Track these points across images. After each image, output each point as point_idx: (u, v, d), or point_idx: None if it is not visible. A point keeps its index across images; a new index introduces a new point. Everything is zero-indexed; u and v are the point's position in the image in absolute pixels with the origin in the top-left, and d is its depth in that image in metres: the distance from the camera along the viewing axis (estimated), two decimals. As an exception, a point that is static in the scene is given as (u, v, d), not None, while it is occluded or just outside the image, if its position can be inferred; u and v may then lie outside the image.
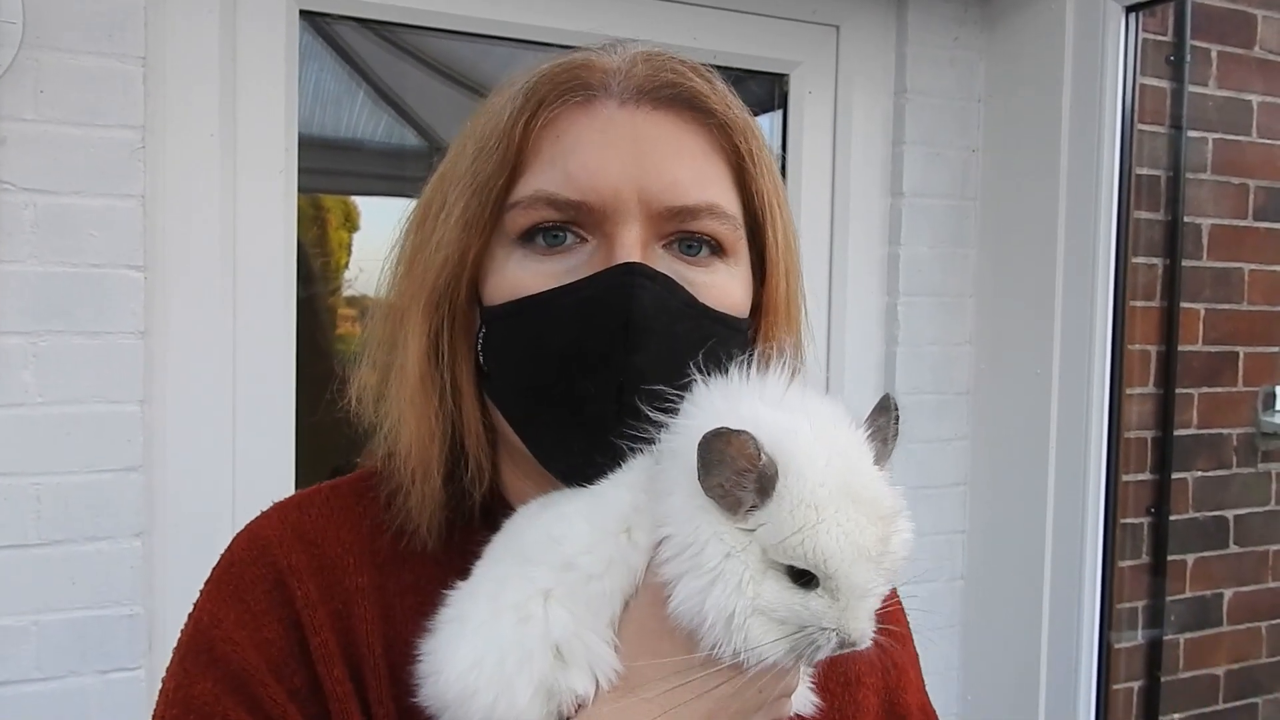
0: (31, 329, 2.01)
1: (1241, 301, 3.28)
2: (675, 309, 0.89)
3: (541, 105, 0.91)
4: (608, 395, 0.87)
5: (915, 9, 2.78)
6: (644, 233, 0.90)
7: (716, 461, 0.75)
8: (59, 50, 2.00)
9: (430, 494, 0.94)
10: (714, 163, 0.94)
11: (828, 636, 0.77)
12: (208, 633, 0.92)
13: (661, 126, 0.92)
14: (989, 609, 2.87)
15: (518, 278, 0.91)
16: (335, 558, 0.95)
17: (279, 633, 0.92)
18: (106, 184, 2.04)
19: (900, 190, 2.80)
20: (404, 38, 2.52)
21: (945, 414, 2.88)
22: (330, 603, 0.93)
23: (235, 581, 0.94)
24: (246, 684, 0.89)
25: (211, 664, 0.91)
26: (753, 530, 0.77)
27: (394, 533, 0.96)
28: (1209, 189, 3.23)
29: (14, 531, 2.02)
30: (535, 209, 0.90)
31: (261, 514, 1.00)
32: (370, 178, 2.72)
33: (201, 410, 2.19)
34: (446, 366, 0.94)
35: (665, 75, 0.93)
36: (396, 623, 0.93)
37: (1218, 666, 3.35)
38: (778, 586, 0.77)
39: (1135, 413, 3.10)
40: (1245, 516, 3.34)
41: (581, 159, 0.90)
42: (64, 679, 2.06)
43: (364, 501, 0.99)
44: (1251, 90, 3.25)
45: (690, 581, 0.77)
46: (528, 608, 0.82)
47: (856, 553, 0.76)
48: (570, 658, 0.81)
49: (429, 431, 0.94)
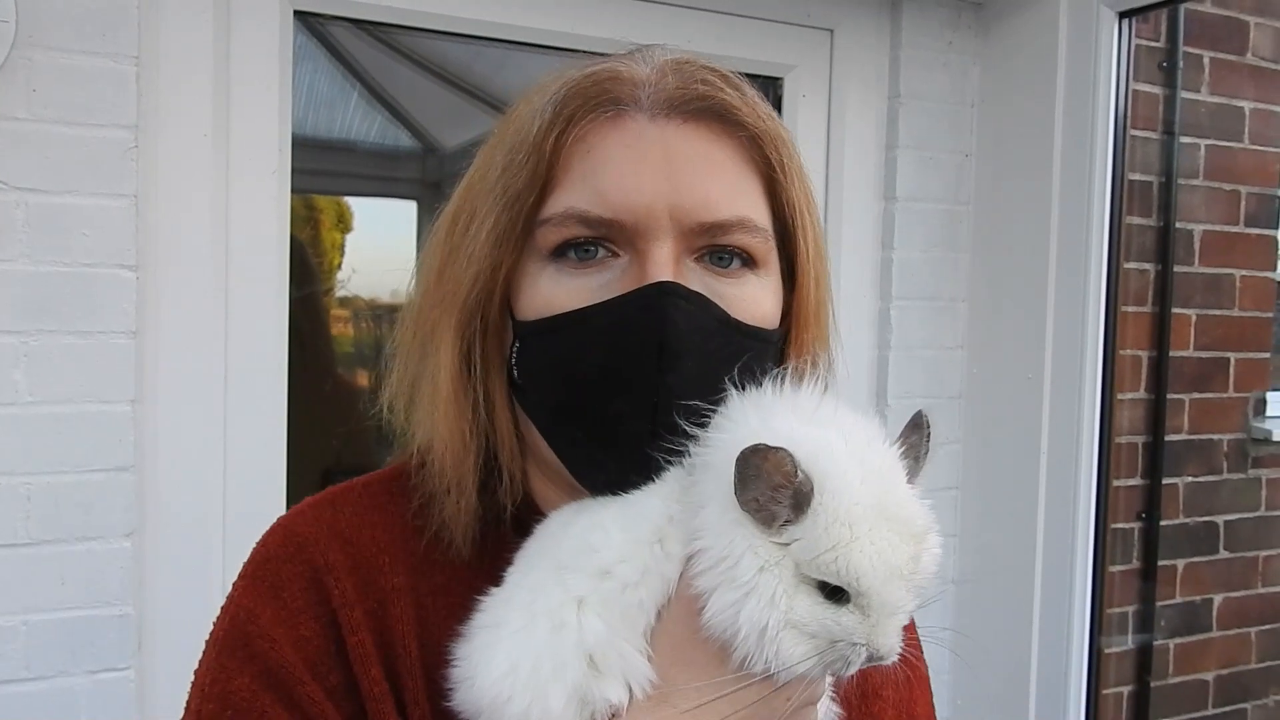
0: (23, 328, 2.00)
1: (1233, 307, 3.29)
2: (709, 327, 0.89)
3: (571, 121, 0.91)
4: (642, 415, 0.88)
5: (909, 13, 2.78)
6: (676, 248, 0.90)
7: (753, 476, 0.76)
8: (52, 49, 2.00)
9: (465, 507, 0.95)
10: (745, 175, 0.94)
11: (858, 651, 0.78)
12: (244, 628, 0.92)
13: (692, 140, 0.92)
14: (979, 613, 2.87)
15: (550, 293, 0.91)
16: (370, 556, 0.96)
17: (316, 630, 0.92)
18: (99, 183, 2.04)
19: (893, 194, 2.80)
20: (398, 39, 2.52)
21: (937, 418, 2.84)
22: (366, 601, 0.94)
23: (271, 577, 0.94)
24: (284, 681, 0.90)
25: (249, 660, 0.91)
26: (787, 545, 0.78)
27: (426, 535, 0.96)
28: (1201, 195, 3.24)
29: (4, 531, 2.01)
30: (567, 226, 0.90)
31: (295, 509, 1.00)
32: (363, 178, 2.72)
33: (193, 410, 2.18)
34: (479, 380, 0.95)
35: (696, 87, 0.93)
36: (430, 623, 0.94)
37: (1207, 671, 3.36)
38: (810, 601, 0.78)
39: (1126, 418, 3.11)
40: (1235, 522, 3.35)
41: (613, 175, 0.90)
42: (53, 679, 2.05)
43: (396, 501, 0.99)
44: (1244, 96, 3.26)
45: (724, 594, 0.78)
46: (561, 615, 0.83)
47: (889, 571, 0.77)
48: (604, 667, 0.82)
49: (463, 445, 0.94)
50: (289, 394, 2.29)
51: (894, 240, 2.81)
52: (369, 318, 2.70)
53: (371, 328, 2.71)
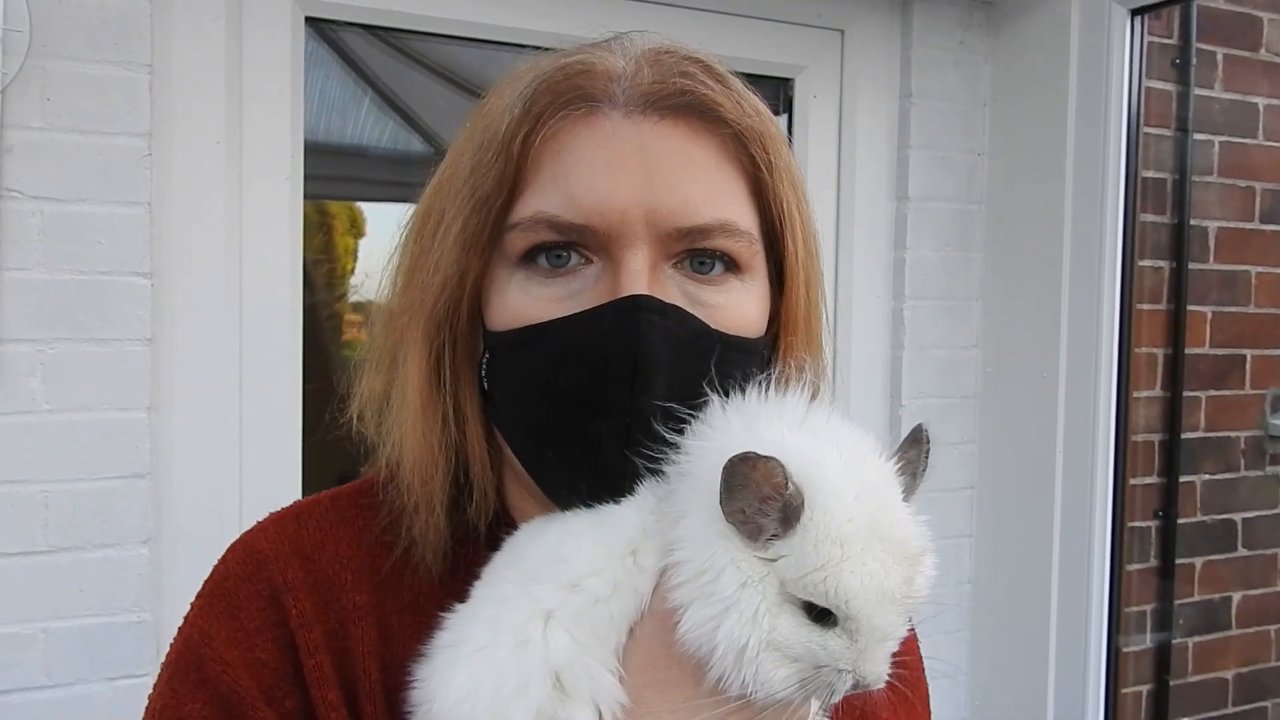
0: (39, 336, 2.01)
1: (1248, 304, 3.27)
2: (685, 340, 0.84)
3: (541, 119, 0.85)
4: (615, 438, 0.83)
5: (920, 13, 2.78)
6: (652, 254, 0.85)
7: (740, 486, 0.72)
8: (65, 58, 2.01)
9: (433, 525, 0.90)
10: (728, 175, 0.88)
11: (844, 679, 0.74)
12: (198, 650, 0.89)
13: (670, 139, 0.86)
14: (997, 613, 2.86)
15: (520, 303, 0.86)
16: (333, 574, 0.91)
17: (272, 654, 0.88)
18: (113, 191, 2.05)
19: (905, 194, 2.80)
20: (409, 44, 2.52)
21: (951, 418, 2.87)
22: (326, 622, 0.89)
23: (228, 597, 0.91)
24: (237, 707, 0.86)
25: (201, 684, 0.87)
26: (773, 560, 0.74)
27: (395, 552, 0.92)
28: (1215, 192, 3.22)
29: (22, 538, 2.02)
30: (536, 231, 0.85)
31: (257, 525, 0.96)
32: (376, 184, 2.72)
33: (208, 417, 2.19)
34: (449, 392, 0.90)
35: (674, 81, 0.87)
36: (394, 643, 0.89)
37: (1226, 670, 3.34)
38: (794, 622, 0.73)
39: (1142, 416, 3.09)
40: (1253, 519, 3.33)
41: (584, 178, 0.84)
42: (72, 686, 2.06)
43: (365, 514, 0.95)
44: (1258, 93, 3.25)
45: (702, 609, 0.74)
46: (527, 630, 0.78)
47: (880, 595, 0.73)
48: (571, 688, 0.77)
49: (431, 460, 0.90)
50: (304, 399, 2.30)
51: (907, 240, 2.80)
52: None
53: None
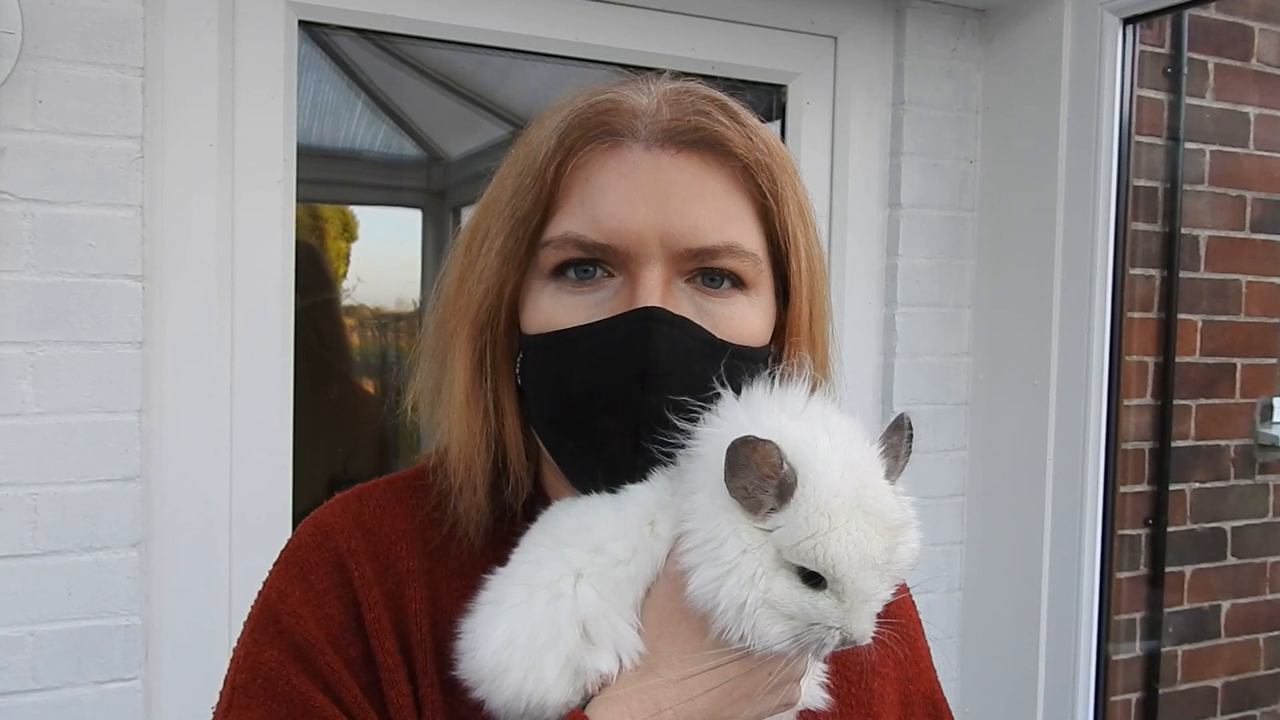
0: (29, 339, 2.01)
1: (1239, 313, 3.28)
2: (692, 348, 0.96)
3: (572, 151, 0.98)
4: (626, 433, 0.96)
5: (913, 20, 2.79)
6: (666, 271, 0.97)
7: (742, 465, 0.83)
8: (57, 60, 2.01)
9: (476, 504, 1.03)
10: (736, 202, 1.00)
11: (832, 634, 0.85)
12: (275, 607, 1.02)
13: (684, 170, 0.98)
14: (986, 620, 2.86)
15: (550, 310, 1.00)
16: (390, 544, 1.05)
17: (338, 609, 1.01)
18: (105, 194, 2.04)
19: (898, 201, 2.80)
20: (402, 48, 2.52)
21: (943, 425, 2.87)
22: (384, 583, 1.03)
23: (301, 563, 1.04)
24: (308, 654, 0.99)
25: (278, 635, 1.00)
26: (770, 531, 0.85)
27: (444, 527, 1.05)
28: (1206, 200, 3.24)
29: (11, 541, 2.01)
30: (565, 249, 0.98)
31: (325, 504, 1.10)
32: (368, 188, 2.72)
33: (199, 420, 2.19)
34: (490, 388, 1.04)
35: (690, 119, 0.99)
36: (443, 604, 1.02)
37: (1216, 678, 3.35)
38: (788, 584, 0.84)
39: (1133, 424, 3.10)
40: (1243, 528, 3.34)
41: (608, 203, 0.97)
42: (60, 689, 2.05)
43: (417, 495, 1.08)
44: (1248, 102, 3.26)
45: (707, 570, 0.85)
46: (559, 586, 0.90)
47: (863, 560, 0.84)
48: (596, 638, 0.89)
49: (474, 447, 1.03)
50: (295, 403, 2.29)
51: (899, 247, 2.80)
52: (374, 326, 2.70)
53: (377, 336, 2.71)
